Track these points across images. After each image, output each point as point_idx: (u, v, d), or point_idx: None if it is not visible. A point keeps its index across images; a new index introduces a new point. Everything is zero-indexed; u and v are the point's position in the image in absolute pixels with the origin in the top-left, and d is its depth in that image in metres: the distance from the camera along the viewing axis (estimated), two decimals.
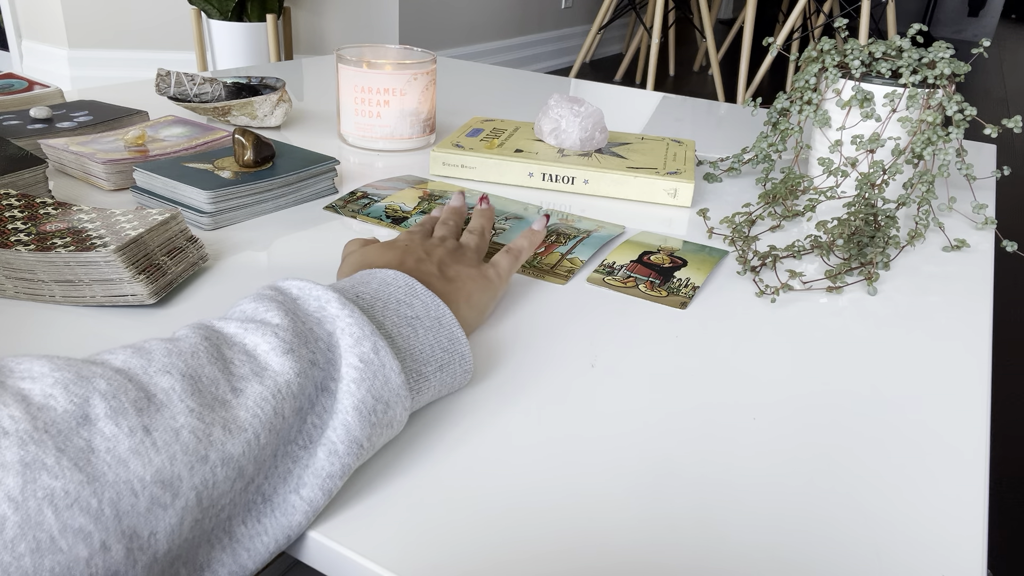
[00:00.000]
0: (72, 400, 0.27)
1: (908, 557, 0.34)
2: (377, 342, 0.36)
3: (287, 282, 0.38)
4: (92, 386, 0.28)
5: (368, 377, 0.35)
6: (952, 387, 0.47)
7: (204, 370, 0.31)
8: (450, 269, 0.48)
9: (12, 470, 0.25)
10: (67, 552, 0.25)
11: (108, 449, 0.27)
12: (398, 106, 0.83)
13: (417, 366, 0.39)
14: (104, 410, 0.27)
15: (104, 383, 0.28)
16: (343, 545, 0.33)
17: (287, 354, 0.33)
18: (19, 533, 0.24)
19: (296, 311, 0.36)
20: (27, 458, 0.25)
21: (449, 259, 0.49)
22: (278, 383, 0.32)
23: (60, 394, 0.27)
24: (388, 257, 0.48)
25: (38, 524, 0.24)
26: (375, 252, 0.49)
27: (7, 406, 0.26)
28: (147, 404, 0.28)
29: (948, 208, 0.78)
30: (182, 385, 0.30)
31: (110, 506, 0.26)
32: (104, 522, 0.26)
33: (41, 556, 0.24)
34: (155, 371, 0.30)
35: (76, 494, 0.25)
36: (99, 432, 0.27)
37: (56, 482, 0.25)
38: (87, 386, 0.28)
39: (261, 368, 0.32)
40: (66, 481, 0.25)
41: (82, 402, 0.27)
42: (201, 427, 0.29)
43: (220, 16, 2.35)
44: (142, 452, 0.27)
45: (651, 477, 0.38)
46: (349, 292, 0.40)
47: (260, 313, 0.35)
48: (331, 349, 0.35)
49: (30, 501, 0.24)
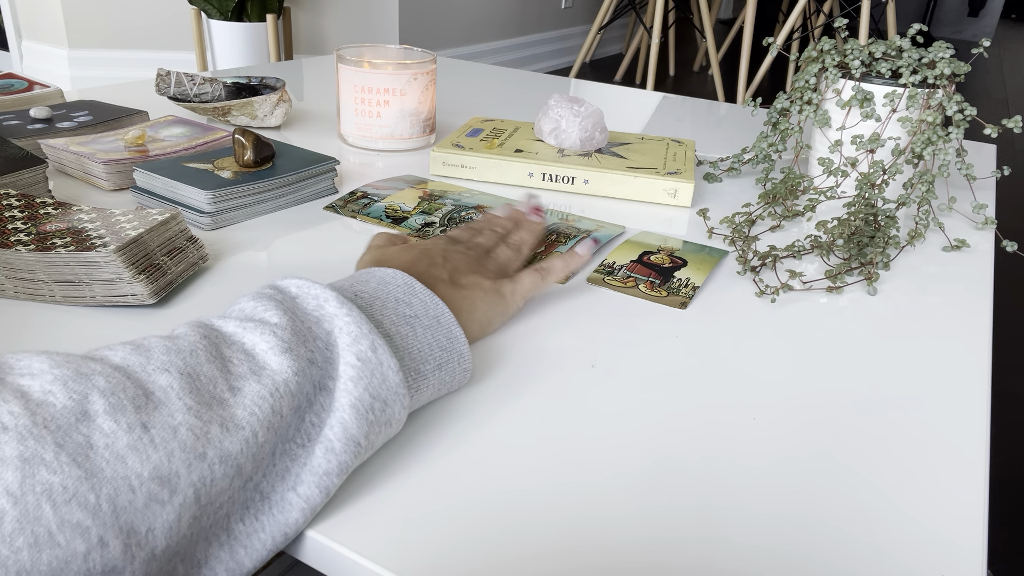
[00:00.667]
0: (71, 396, 0.27)
1: (908, 557, 0.34)
2: (375, 340, 0.36)
3: (286, 281, 0.38)
4: (91, 383, 0.28)
5: (366, 375, 0.35)
6: (952, 387, 0.47)
7: (202, 368, 0.31)
8: (463, 277, 0.48)
9: (11, 465, 0.25)
10: (65, 547, 0.25)
11: (106, 445, 0.27)
12: (398, 106, 0.83)
13: (415, 364, 0.39)
14: (103, 407, 0.27)
15: (103, 380, 0.28)
16: (342, 544, 0.33)
17: (285, 353, 0.33)
18: (17, 527, 0.24)
19: (295, 310, 0.36)
20: (26, 453, 0.25)
21: (466, 267, 0.49)
22: (276, 382, 0.32)
23: (59, 390, 0.27)
24: (403, 258, 0.48)
25: (36, 519, 0.24)
26: (394, 251, 0.49)
27: (6, 402, 0.26)
28: (145, 401, 0.28)
29: (948, 208, 0.78)
30: (180, 383, 0.30)
31: (108, 502, 0.26)
32: (102, 517, 0.26)
33: (39, 550, 0.24)
34: (154, 369, 0.30)
35: (74, 489, 0.25)
36: (98, 428, 0.27)
37: (55, 477, 0.25)
38: (86, 383, 0.28)
39: (259, 367, 0.32)
40: (64, 476, 0.25)
41: (81, 399, 0.27)
42: (199, 425, 0.29)
43: (220, 16, 2.35)
44: (140, 449, 0.27)
45: (651, 476, 0.38)
46: (347, 291, 0.40)
47: (259, 312, 0.35)
48: (329, 348, 0.35)
49: (28, 496, 0.25)
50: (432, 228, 0.64)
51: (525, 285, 0.50)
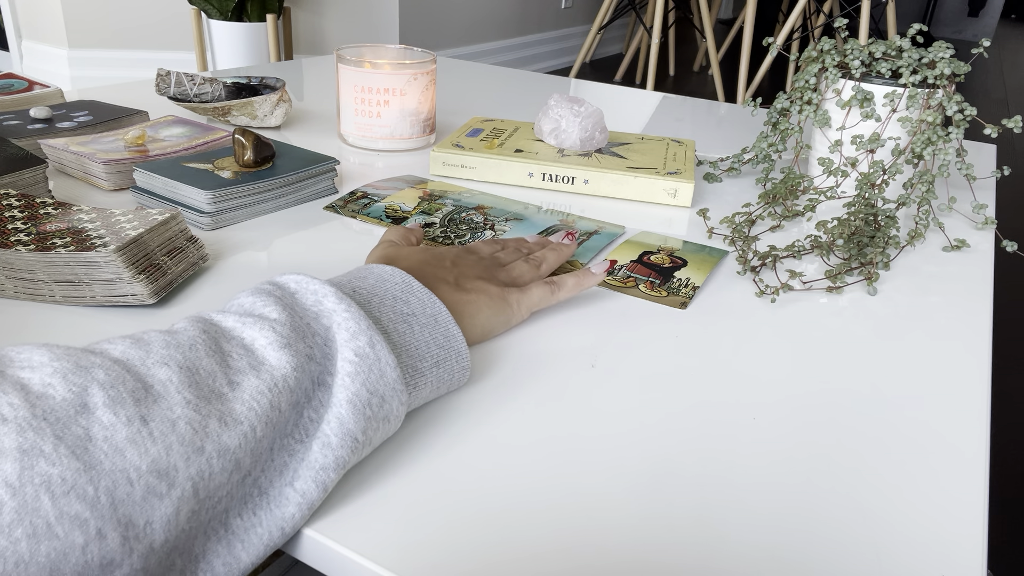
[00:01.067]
0: (71, 389, 0.27)
1: (908, 557, 0.34)
2: (373, 336, 0.36)
3: (285, 277, 0.38)
4: (91, 376, 0.28)
5: (363, 371, 0.35)
6: (952, 387, 0.47)
7: (202, 363, 0.31)
8: (469, 282, 0.47)
9: (10, 456, 0.25)
10: (63, 538, 0.25)
11: (105, 438, 0.27)
12: (398, 106, 0.83)
13: (413, 362, 0.39)
14: (102, 399, 0.27)
15: (103, 373, 0.28)
16: (341, 544, 0.33)
17: (284, 349, 0.33)
18: (16, 518, 0.24)
19: (294, 306, 0.36)
20: (25, 445, 0.25)
21: (473, 273, 0.48)
22: (275, 377, 0.32)
23: (59, 383, 0.27)
24: (413, 259, 0.48)
25: (35, 510, 0.25)
26: (406, 251, 0.50)
27: (6, 394, 0.26)
28: (145, 395, 0.29)
29: (948, 208, 0.78)
30: (179, 377, 0.30)
31: (106, 494, 0.26)
32: (100, 510, 0.26)
33: (37, 542, 0.24)
34: (153, 362, 0.30)
35: (73, 481, 0.26)
36: (97, 421, 0.27)
37: (53, 469, 0.25)
38: (86, 375, 0.28)
39: (258, 362, 0.33)
40: (63, 468, 0.25)
41: (80, 391, 0.27)
42: (198, 419, 0.29)
43: (220, 16, 2.35)
44: (139, 442, 0.27)
45: (651, 476, 0.38)
46: (346, 287, 0.40)
47: (258, 308, 0.35)
48: (328, 343, 0.35)
49: (27, 487, 0.25)
50: (432, 228, 0.64)
51: (533, 297, 0.49)
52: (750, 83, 3.46)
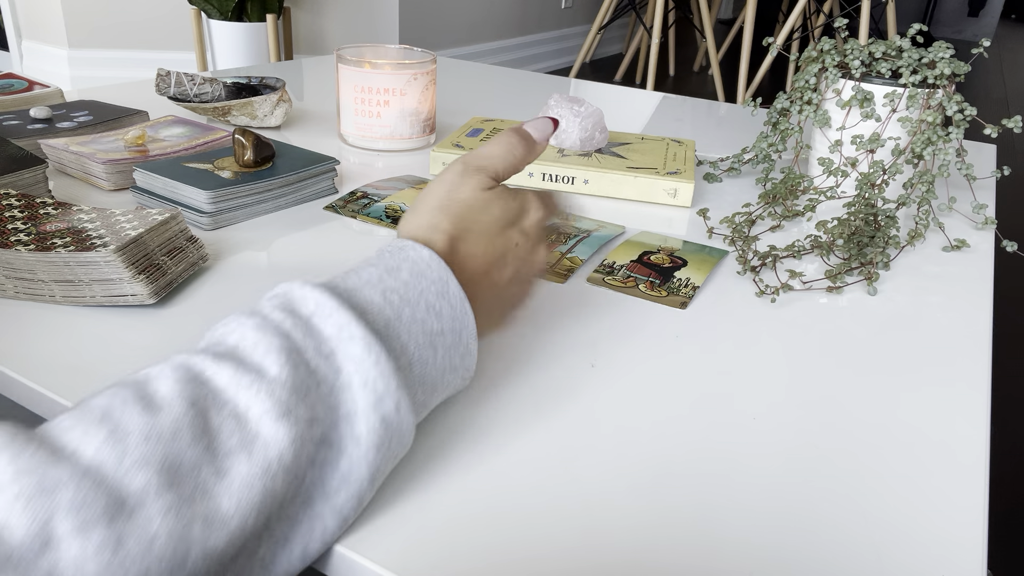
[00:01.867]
0: (34, 519, 0.25)
1: (908, 557, 0.34)
2: (400, 399, 0.33)
3: (301, 291, 0.34)
4: (55, 500, 0.25)
5: (386, 441, 0.33)
6: (952, 387, 0.47)
7: (185, 455, 0.28)
8: (514, 287, 0.43)
9: None
10: None
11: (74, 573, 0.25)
12: (398, 106, 0.83)
13: (426, 398, 0.37)
14: (69, 526, 0.25)
15: (71, 492, 0.26)
16: (340, 544, 0.33)
17: (282, 419, 0.30)
18: None
19: (302, 343, 0.32)
20: None
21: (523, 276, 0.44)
22: (268, 458, 0.29)
23: (19, 513, 0.25)
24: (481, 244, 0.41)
25: None
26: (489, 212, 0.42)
27: None
28: (118, 511, 0.26)
29: (948, 208, 0.78)
30: (159, 480, 0.27)
31: None
32: None
33: None
34: (129, 465, 0.27)
35: None
36: (63, 556, 0.25)
37: None
38: (50, 500, 0.25)
39: (251, 438, 0.30)
40: None
41: (44, 522, 0.25)
42: (179, 528, 0.27)
43: (220, 16, 2.35)
44: (111, 571, 0.25)
45: (651, 477, 0.38)
46: (375, 299, 0.35)
47: (259, 353, 0.31)
48: (334, 392, 0.32)
49: None
50: None
51: None
52: (750, 83, 3.46)
